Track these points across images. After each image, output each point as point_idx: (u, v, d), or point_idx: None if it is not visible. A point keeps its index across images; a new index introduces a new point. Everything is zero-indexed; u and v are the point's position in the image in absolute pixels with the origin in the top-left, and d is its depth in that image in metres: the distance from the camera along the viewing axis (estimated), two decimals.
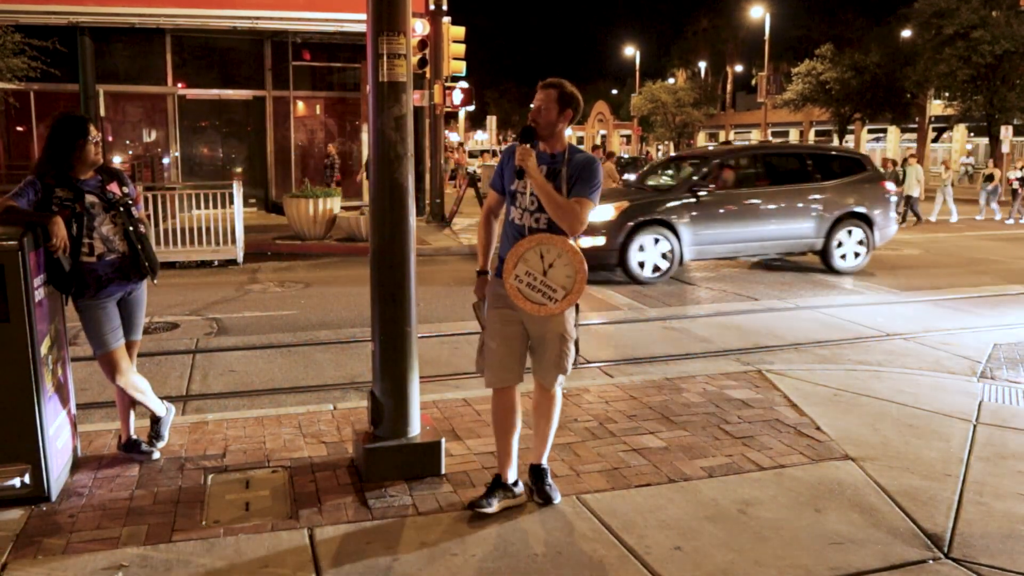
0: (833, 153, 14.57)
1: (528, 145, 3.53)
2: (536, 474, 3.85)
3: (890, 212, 12.18)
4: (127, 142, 18.06)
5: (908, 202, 18.52)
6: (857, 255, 11.70)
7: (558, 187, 3.54)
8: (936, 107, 37.01)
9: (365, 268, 4.45)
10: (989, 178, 20.97)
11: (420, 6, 16.59)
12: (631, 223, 10.56)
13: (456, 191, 18.71)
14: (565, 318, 3.64)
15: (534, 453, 3.86)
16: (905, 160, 19.58)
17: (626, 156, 40.43)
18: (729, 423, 4.89)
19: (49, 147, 3.89)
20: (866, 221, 11.71)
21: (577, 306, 3.68)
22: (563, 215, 3.50)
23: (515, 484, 3.81)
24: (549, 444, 3.85)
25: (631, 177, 27.92)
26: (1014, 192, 20.41)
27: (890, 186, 12.55)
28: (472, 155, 34.60)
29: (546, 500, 3.78)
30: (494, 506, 3.70)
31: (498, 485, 3.77)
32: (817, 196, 11.57)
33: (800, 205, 11.50)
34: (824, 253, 11.60)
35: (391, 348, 4.06)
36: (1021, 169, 20.50)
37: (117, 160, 17.10)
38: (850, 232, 11.62)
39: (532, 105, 3.64)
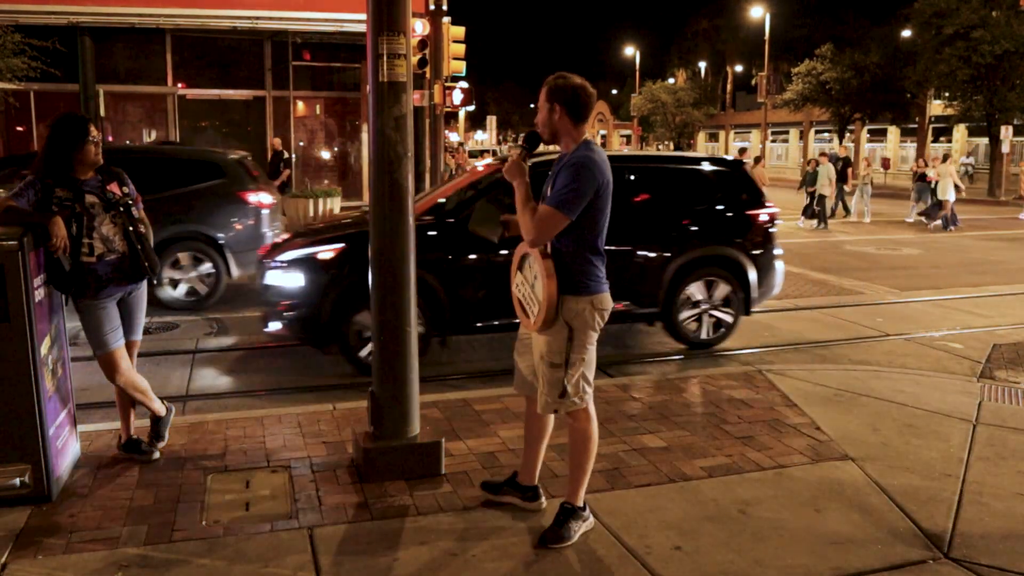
0: (168, 155, 9.89)
1: (520, 152, 3.33)
2: (560, 510, 3.51)
3: (260, 229, 9.11)
4: (127, 142, 18.05)
5: (820, 201, 17.68)
6: (197, 291, 8.78)
7: (546, 194, 3.31)
8: (936, 107, 36.99)
9: None
10: (921, 177, 19.71)
11: (420, 6, 16.59)
12: None
13: None
14: (550, 341, 3.29)
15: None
16: (816, 160, 18.71)
17: None
18: (729, 423, 4.89)
19: (49, 147, 3.88)
20: (213, 245, 8.75)
21: (571, 331, 3.28)
22: (521, 224, 3.26)
23: (530, 490, 3.70)
24: (578, 481, 3.48)
25: None
26: (933, 192, 18.92)
27: (256, 197, 9.23)
28: (472, 155, 34.56)
29: (541, 541, 3.42)
30: (503, 498, 3.74)
31: (512, 484, 3.75)
32: None
33: None
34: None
35: (391, 348, 4.06)
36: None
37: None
38: (177, 262, 8.64)
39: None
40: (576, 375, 3.33)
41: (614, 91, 73.40)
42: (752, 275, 7.15)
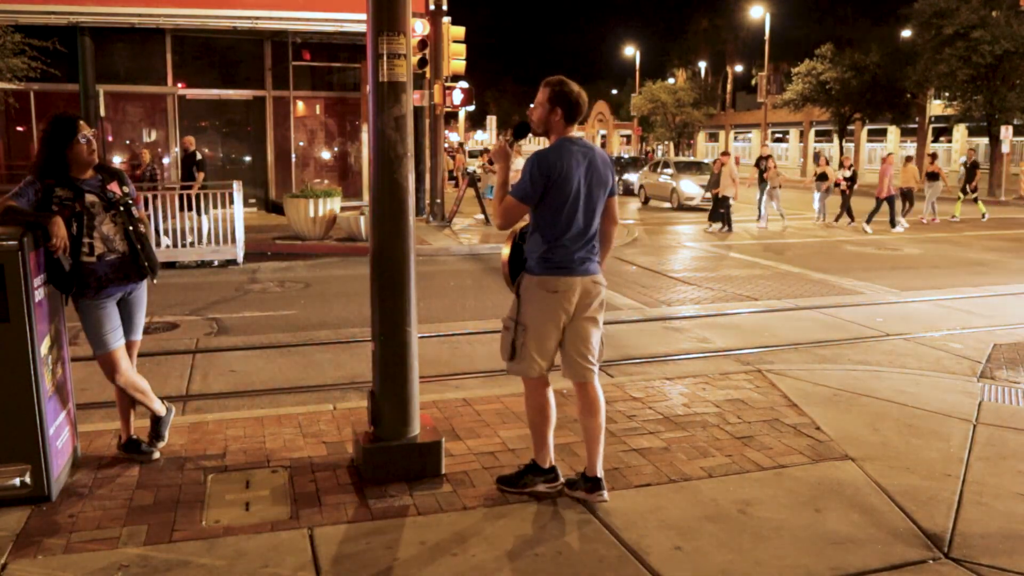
0: None
1: (508, 139, 3.76)
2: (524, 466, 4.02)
3: None
4: (127, 142, 18.06)
5: (724, 203, 16.90)
6: None
7: None
8: (936, 107, 36.97)
9: (365, 268, 4.45)
10: (821, 177, 18.97)
11: (420, 6, 16.58)
12: None
13: (456, 191, 18.73)
14: (510, 307, 3.77)
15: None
16: (720, 159, 18.04)
17: (626, 156, 40.41)
18: (729, 423, 4.89)
19: (42, 148, 3.90)
20: None
21: (519, 298, 3.72)
22: (494, 206, 3.77)
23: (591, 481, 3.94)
24: (534, 444, 3.94)
25: (631, 177, 27.82)
26: (843, 193, 18.39)
27: None
28: (472, 155, 34.58)
29: (498, 480, 3.99)
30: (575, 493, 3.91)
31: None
32: None
33: None
34: None
35: (391, 348, 4.06)
36: (849, 168, 18.80)
37: (117, 160, 17.09)
38: None
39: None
40: (520, 342, 3.71)
41: (614, 91, 73.32)
42: None
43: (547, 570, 3.24)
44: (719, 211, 17.11)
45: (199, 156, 13.98)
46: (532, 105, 3.78)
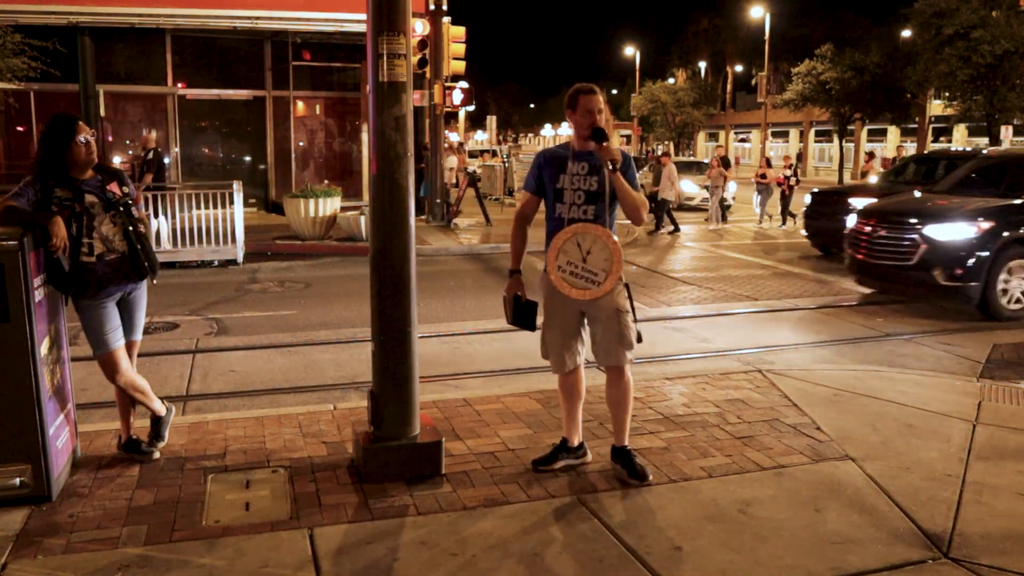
0: None
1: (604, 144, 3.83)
2: (623, 456, 4.09)
3: None
4: (127, 142, 18.05)
5: (663, 205, 16.45)
6: None
7: (602, 180, 3.85)
8: (936, 107, 36.97)
9: (365, 268, 4.45)
10: (762, 178, 18.17)
11: (420, 6, 16.59)
12: None
13: (456, 191, 18.75)
14: (616, 295, 3.86)
15: (616, 437, 4.13)
16: (658, 160, 17.51)
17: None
18: (729, 423, 4.88)
19: (41, 149, 3.90)
20: None
21: (628, 288, 3.92)
22: (637, 206, 3.83)
23: (579, 447, 4.23)
24: (627, 426, 4.09)
25: None
26: (783, 193, 17.81)
27: None
28: (472, 155, 34.57)
29: (642, 478, 3.99)
30: (558, 465, 4.14)
31: (563, 448, 4.18)
32: None
33: None
34: None
35: (391, 348, 4.06)
36: (791, 167, 18.12)
37: (117, 160, 17.09)
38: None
39: (588, 109, 3.92)
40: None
41: (614, 91, 73.36)
42: None
43: (547, 570, 3.24)
44: (660, 213, 16.60)
45: (150, 156, 13.03)
46: (591, 111, 3.90)
